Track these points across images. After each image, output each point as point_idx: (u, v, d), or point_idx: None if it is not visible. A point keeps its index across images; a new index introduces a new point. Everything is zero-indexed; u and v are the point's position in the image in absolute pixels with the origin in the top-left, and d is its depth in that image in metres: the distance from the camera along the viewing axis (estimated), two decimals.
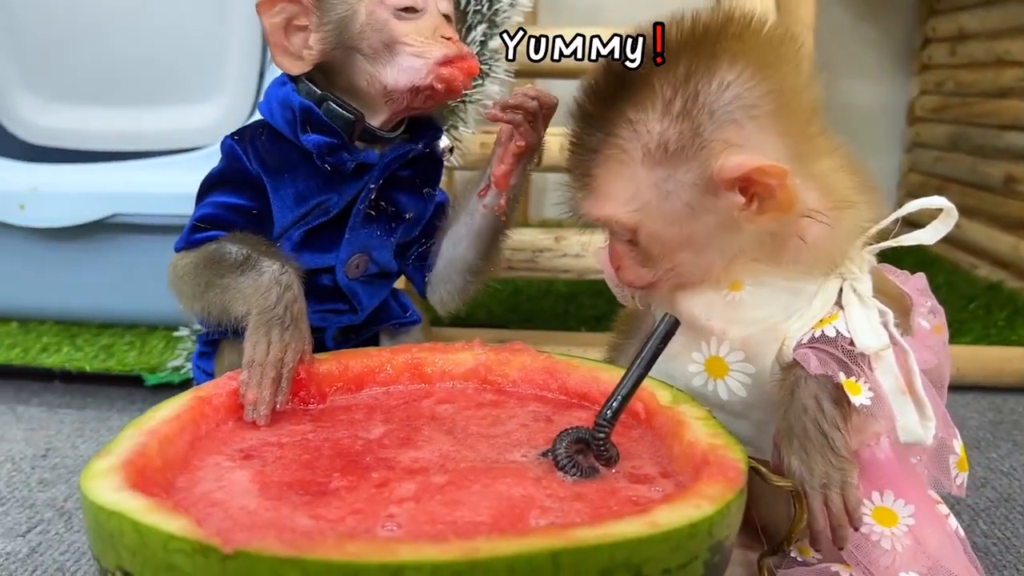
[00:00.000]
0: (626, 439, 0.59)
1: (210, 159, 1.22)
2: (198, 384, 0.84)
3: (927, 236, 0.60)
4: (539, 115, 0.73)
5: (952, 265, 1.77)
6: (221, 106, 1.27)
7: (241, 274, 0.66)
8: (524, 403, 0.66)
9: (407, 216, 0.79)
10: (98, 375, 1.09)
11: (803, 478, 0.56)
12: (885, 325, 0.57)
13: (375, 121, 0.75)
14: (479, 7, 1.01)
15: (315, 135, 0.72)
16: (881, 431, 0.59)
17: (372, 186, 0.76)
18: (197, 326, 1.09)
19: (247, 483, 0.53)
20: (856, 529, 0.56)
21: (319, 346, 0.72)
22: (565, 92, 0.68)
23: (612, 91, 0.59)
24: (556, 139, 1.10)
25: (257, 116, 1.23)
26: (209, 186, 0.75)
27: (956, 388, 0.99)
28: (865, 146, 2.11)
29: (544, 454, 0.56)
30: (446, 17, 0.74)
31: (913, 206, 0.60)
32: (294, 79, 0.74)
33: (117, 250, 1.20)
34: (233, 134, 0.76)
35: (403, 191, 0.78)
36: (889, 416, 0.55)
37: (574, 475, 0.53)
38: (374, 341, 0.85)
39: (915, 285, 0.65)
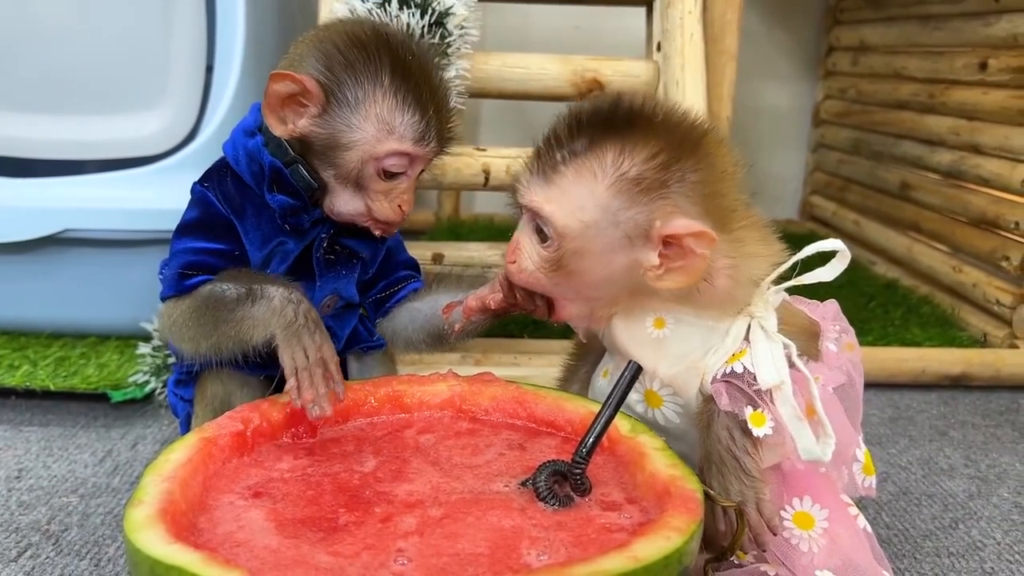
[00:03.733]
0: (592, 465, 0.67)
1: (159, 174, 1.25)
2: (173, 408, 0.89)
3: (826, 274, 0.70)
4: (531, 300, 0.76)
5: (853, 261, 1.92)
6: (166, 114, 1.29)
7: (252, 305, 0.71)
8: (497, 431, 0.74)
9: (361, 256, 0.84)
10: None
11: (721, 497, 0.66)
12: (789, 357, 0.67)
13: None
14: (432, 39, 1.07)
15: (280, 196, 0.76)
16: (783, 448, 0.69)
17: (323, 236, 0.80)
18: (166, 347, 1.12)
19: (263, 521, 0.59)
20: (775, 535, 0.67)
21: None
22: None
23: (616, 119, 0.67)
24: (503, 161, 1.18)
25: (203, 127, 1.27)
26: (185, 233, 0.78)
27: None
28: (775, 144, 2.25)
29: (524, 483, 0.64)
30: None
31: (810, 249, 0.69)
32: (265, 132, 0.77)
33: (68, 263, 1.21)
34: (202, 181, 0.79)
35: (353, 237, 0.83)
36: (789, 440, 0.66)
37: (554, 505, 0.61)
38: (343, 364, 0.90)
39: (825, 312, 0.75)
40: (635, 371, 0.64)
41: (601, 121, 0.67)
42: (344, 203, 0.77)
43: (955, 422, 1.20)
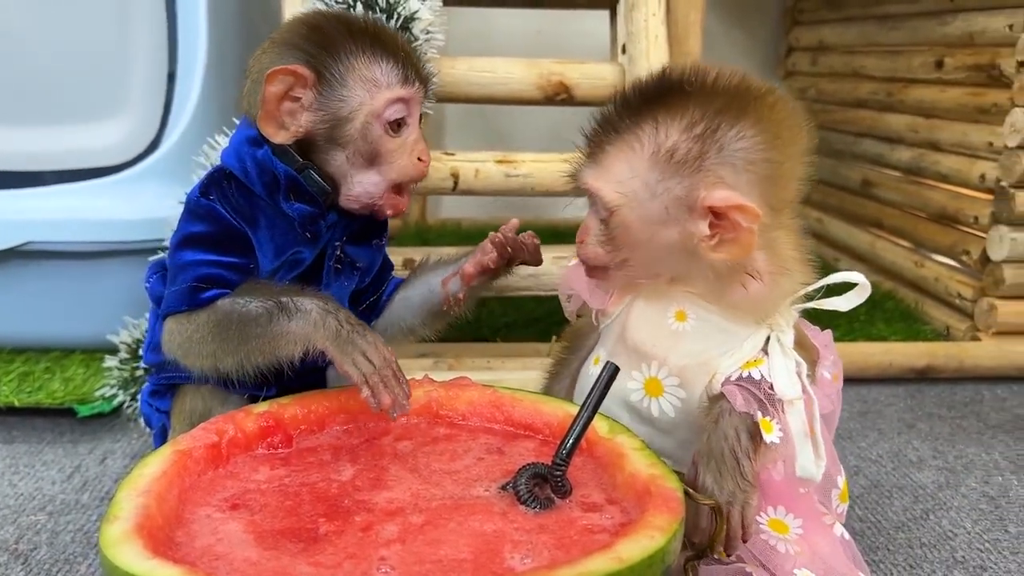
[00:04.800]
0: (572, 467, 0.67)
1: (122, 185, 1.23)
2: (146, 418, 0.87)
3: (842, 304, 0.71)
4: (523, 254, 0.81)
5: (819, 259, 1.95)
6: (127, 123, 1.27)
7: (289, 320, 0.70)
8: (475, 435, 0.73)
9: (359, 266, 0.84)
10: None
11: (712, 493, 0.66)
12: (799, 375, 0.68)
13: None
14: None
15: (299, 204, 0.76)
16: (779, 458, 0.70)
17: (337, 243, 0.80)
18: (133, 360, 1.10)
19: (242, 533, 0.58)
20: (745, 541, 0.68)
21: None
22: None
23: (655, 94, 0.68)
24: (472, 165, 1.18)
25: (166, 137, 1.26)
26: (193, 245, 0.75)
27: None
28: None
29: (504, 487, 0.64)
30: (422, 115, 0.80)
31: (836, 277, 0.71)
32: (270, 141, 0.76)
33: (30, 276, 1.19)
34: (204, 194, 0.77)
35: (355, 244, 0.83)
36: (791, 453, 0.66)
37: (535, 508, 0.61)
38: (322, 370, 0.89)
39: (822, 340, 0.76)
40: (612, 372, 0.64)
41: (644, 97, 0.69)
42: (360, 182, 0.77)
43: (922, 414, 1.23)
